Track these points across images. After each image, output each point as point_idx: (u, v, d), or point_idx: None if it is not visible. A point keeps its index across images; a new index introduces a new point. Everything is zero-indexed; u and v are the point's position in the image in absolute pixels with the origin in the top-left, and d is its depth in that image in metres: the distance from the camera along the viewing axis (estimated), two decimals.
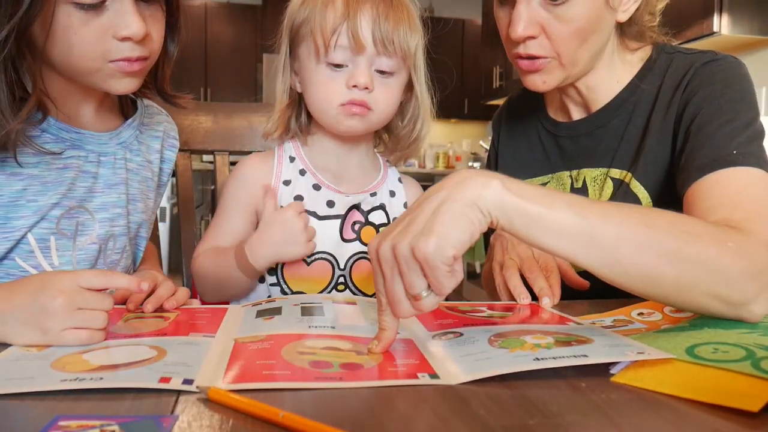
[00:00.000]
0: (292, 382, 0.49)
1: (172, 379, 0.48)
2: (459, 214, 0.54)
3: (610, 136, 0.93)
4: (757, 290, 0.59)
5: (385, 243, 0.55)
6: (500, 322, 0.64)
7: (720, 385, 0.47)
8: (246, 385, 0.48)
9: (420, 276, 0.54)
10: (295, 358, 0.54)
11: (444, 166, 6.03)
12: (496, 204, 0.56)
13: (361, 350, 0.57)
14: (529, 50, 0.84)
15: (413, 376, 0.50)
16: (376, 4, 0.81)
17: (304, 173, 0.90)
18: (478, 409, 0.45)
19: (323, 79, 0.83)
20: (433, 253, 0.52)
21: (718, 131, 0.78)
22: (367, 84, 0.81)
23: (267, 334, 0.60)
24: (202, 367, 0.51)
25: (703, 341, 0.55)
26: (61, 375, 0.49)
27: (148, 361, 0.52)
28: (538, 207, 0.56)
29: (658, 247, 0.57)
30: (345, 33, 0.80)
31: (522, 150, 1.04)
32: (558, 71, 0.87)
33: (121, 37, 0.72)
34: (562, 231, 0.56)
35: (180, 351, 0.56)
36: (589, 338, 0.56)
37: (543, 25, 0.83)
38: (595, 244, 0.56)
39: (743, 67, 0.86)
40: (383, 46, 0.81)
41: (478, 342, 0.57)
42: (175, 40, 0.85)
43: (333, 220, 0.88)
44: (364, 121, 0.85)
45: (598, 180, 0.93)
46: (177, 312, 0.72)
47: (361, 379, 0.50)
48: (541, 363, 0.50)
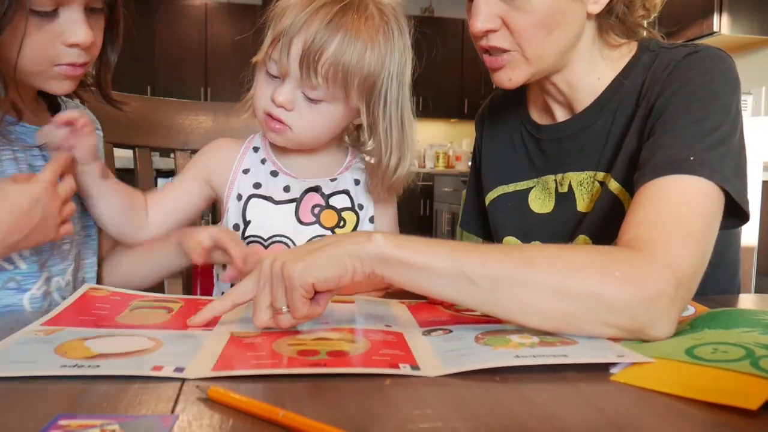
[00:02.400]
0: (275, 369, 0.51)
1: (164, 367, 0.50)
2: (334, 257, 0.60)
3: (594, 138, 0.89)
4: (654, 315, 0.58)
5: (268, 259, 0.62)
6: (493, 320, 0.65)
7: (719, 384, 0.47)
8: (231, 372, 0.50)
9: (283, 293, 0.60)
10: (284, 350, 0.56)
11: (444, 165, 6.03)
12: (378, 257, 0.60)
13: (351, 339, 0.59)
14: (491, 42, 0.83)
15: (395, 366, 0.52)
16: (320, 25, 0.77)
17: (265, 162, 0.92)
18: (478, 409, 0.45)
19: (259, 81, 0.85)
20: (296, 276, 0.58)
21: (682, 132, 0.74)
22: (283, 104, 0.81)
23: (263, 330, 0.62)
24: (195, 358, 0.53)
25: (703, 342, 0.56)
26: (62, 360, 0.52)
27: (143, 352, 0.55)
28: (420, 257, 0.60)
29: (537, 284, 0.58)
30: (278, 49, 0.79)
31: (505, 154, 1.02)
32: (523, 66, 0.84)
33: (69, 43, 0.76)
34: (444, 276, 0.60)
35: (176, 342, 0.58)
36: (573, 341, 0.57)
37: (503, 18, 0.81)
38: (475, 287, 0.59)
39: (726, 62, 0.81)
40: (308, 76, 0.78)
41: (465, 339, 0.59)
42: (115, 49, 0.90)
43: (288, 204, 0.89)
44: (283, 138, 0.85)
45: (585, 183, 0.90)
46: (181, 303, 0.73)
47: (344, 365, 0.52)
48: (519, 360, 0.52)
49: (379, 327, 0.64)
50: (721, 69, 0.80)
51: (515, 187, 1.00)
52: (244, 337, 0.60)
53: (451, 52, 6.10)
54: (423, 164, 6.21)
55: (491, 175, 1.04)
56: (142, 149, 1.17)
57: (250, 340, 0.59)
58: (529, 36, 0.81)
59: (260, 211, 0.88)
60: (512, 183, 1.00)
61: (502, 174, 1.01)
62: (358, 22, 0.79)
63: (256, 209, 0.88)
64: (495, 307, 0.60)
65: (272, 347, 0.57)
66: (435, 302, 0.75)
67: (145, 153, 1.18)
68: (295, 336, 0.60)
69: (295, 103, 0.81)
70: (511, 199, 1.00)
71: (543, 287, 0.58)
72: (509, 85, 0.86)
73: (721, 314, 0.65)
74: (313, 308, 0.61)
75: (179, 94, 4.68)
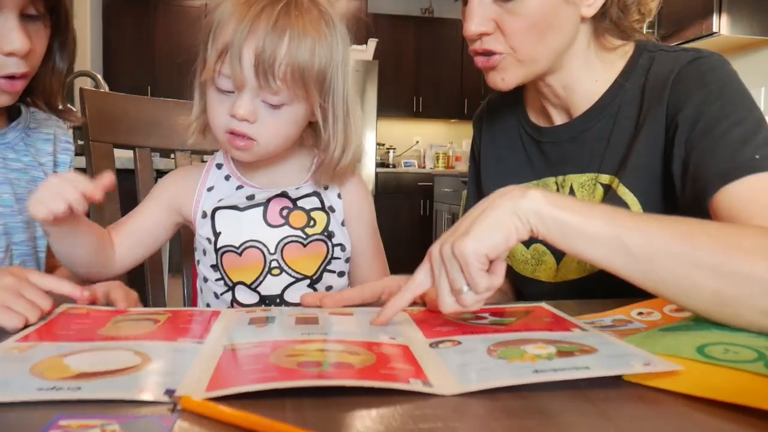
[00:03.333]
0: (275, 383, 0.46)
1: (153, 389, 0.46)
2: (497, 220, 0.60)
3: (595, 140, 0.89)
4: None
5: (435, 245, 0.62)
6: (502, 329, 0.63)
7: (735, 384, 0.47)
8: (227, 390, 0.45)
9: (460, 273, 0.60)
10: (283, 361, 0.52)
11: (444, 166, 6.03)
12: (534, 213, 0.60)
13: (355, 351, 0.55)
14: (484, 46, 0.83)
15: (405, 380, 0.48)
16: (268, 29, 0.75)
17: (229, 178, 0.91)
18: (477, 409, 0.44)
19: (212, 101, 0.82)
20: (469, 252, 0.58)
21: (727, 135, 0.75)
22: (246, 117, 0.78)
23: (258, 341, 0.58)
24: (186, 377, 0.49)
25: (713, 341, 0.55)
26: (38, 382, 0.47)
27: (130, 370, 0.50)
28: (575, 216, 0.59)
29: (698, 260, 0.56)
30: (228, 62, 0.77)
31: (504, 155, 1.02)
32: (515, 68, 0.84)
33: (5, 52, 0.74)
34: (599, 241, 0.59)
35: (165, 358, 0.54)
36: (593, 348, 0.55)
37: (497, 21, 0.81)
38: (630, 254, 0.58)
39: (729, 64, 0.83)
40: (266, 82, 0.76)
41: (477, 351, 0.56)
42: (65, 58, 0.87)
43: (255, 209, 0.88)
44: (250, 153, 0.83)
45: (586, 186, 0.90)
46: (168, 314, 0.70)
47: (350, 377, 0.47)
48: (540, 375, 0.48)
49: (383, 339, 0.60)
50: (729, 70, 0.82)
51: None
52: (237, 350, 0.56)
53: (451, 52, 6.10)
54: (423, 164, 6.21)
55: (491, 176, 1.03)
56: (142, 149, 1.17)
57: (245, 353, 0.55)
58: (521, 39, 0.81)
59: (227, 220, 0.87)
60: (512, 184, 0.99)
61: (501, 175, 1.00)
62: (302, 19, 0.78)
63: (223, 220, 0.87)
64: (649, 280, 0.58)
65: (270, 360, 0.52)
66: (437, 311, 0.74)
67: (145, 153, 1.18)
68: (293, 346, 0.56)
69: (257, 114, 0.79)
70: None
71: (704, 265, 0.56)
72: (503, 86, 0.86)
73: None
74: (492, 279, 0.60)
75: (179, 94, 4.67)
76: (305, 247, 0.88)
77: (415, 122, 6.31)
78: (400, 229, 5.27)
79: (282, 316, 0.69)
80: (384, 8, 6.03)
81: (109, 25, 5.50)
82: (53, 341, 0.58)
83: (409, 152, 6.34)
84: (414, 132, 6.37)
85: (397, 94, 5.96)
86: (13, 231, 0.90)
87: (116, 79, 5.21)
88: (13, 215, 0.90)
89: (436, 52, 6.11)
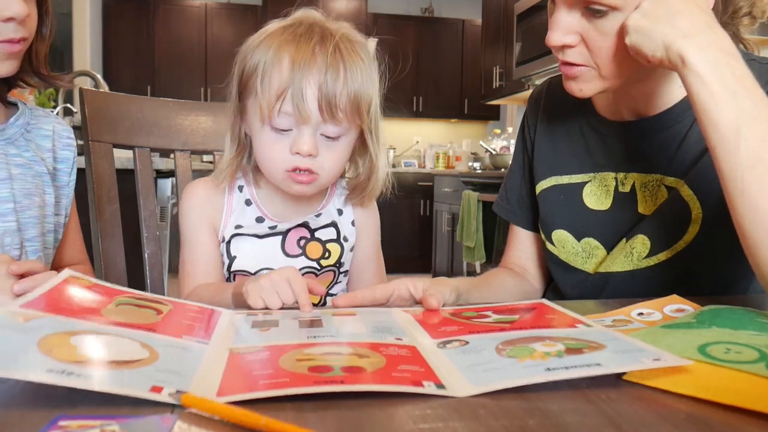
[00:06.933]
0: (290, 389, 0.46)
1: (164, 389, 0.46)
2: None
3: (667, 142, 0.87)
4: None
5: None
6: (507, 327, 0.62)
7: (737, 386, 0.47)
8: (239, 396, 0.45)
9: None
10: (293, 366, 0.51)
11: (444, 166, 6.02)
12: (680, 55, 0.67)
13: (364, 353, 0.55)
14: (566, 58, 0.80)
15: (418, 383, 0.48)
16: (325, 66, 0.78)
17: (250, 203, 0.92)
18: (477, 408, 0.44)
19: (267, 142, 0.83)
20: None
21: None
22: (311, 152, 0.80)
23: (264, 345, 0.58)
24: (195, 379, 0.49)
25: (714, 340, 0.55)
26: (48, 362, 0.46)
27: (139, 363, 0.50)
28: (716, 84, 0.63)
29: None
30: (289, 100, 0.78)
31: (560, 140, 0.98)
32: (596, 81, 0.81)
33: (5, 18, 0.76)
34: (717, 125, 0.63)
35: (172, 356, 0.53)
36: (600, 344, 0.54)
37: (583, 35, 0.78)
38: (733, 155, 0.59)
39: None
40: (330, 114, 0.79)
41: (485, 351, 0.55)
42: (46, 23, 0.89)
43: (274, 237, 0.89)
44: (313, 186, 0.85)
45: (649, 186, 0.88)
46: (170, 306, 0.69)
47: (363, 382, 0.47)
48: (553, 374, 0.48)
49: (389, 340, 0.59)
50: None
51: (569, 180, 0.97)
52: (244, 354, 0.55)
53: (451, 52, 6.10)
54: (423, 164, 6.20)
55: (544, 164, 1.00)
56: (142, 149, 1.17)
57: (252, 357, 0.54)
58: (607, 57, 0.78)
59: (245, 245, 0.89)
60: (566, 175, 0.97)
61: (556, 164, 0.97)
62: (347, 50, 0.81)
63: (241, 244, 0.89)
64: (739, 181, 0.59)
65: (279, 364, 0.52)
66: (437, 310, 0.73)
67: (145, 153, 1.18)
68: (301, 351, 0.55)
69: (318, 148, 0.82)
70: (564, 192, 0.97)
71: None
72: (580, 95, 0.84)
73: (725, 312, 0.64)
74: None
75: (179, 94, 4.68)
76: (317, 277, 0.90)
77: (415, 122, 6.31)
78: (399, 229, 5.27)
79: (285, 320, 0.69)
80: (384, 8, 6.03)
81: (109, 25, 5.50)
82: (59, 314, 0.57)
83: (409, 152, 6.34)
84: (414, 132, 6.37)
85: (396, 94, 5.95)
86: (24, 227, 0.90)
87: (116, 79, 5.21)
88: (23, 211, 0.90)
89: (436, 52, 6.11)
